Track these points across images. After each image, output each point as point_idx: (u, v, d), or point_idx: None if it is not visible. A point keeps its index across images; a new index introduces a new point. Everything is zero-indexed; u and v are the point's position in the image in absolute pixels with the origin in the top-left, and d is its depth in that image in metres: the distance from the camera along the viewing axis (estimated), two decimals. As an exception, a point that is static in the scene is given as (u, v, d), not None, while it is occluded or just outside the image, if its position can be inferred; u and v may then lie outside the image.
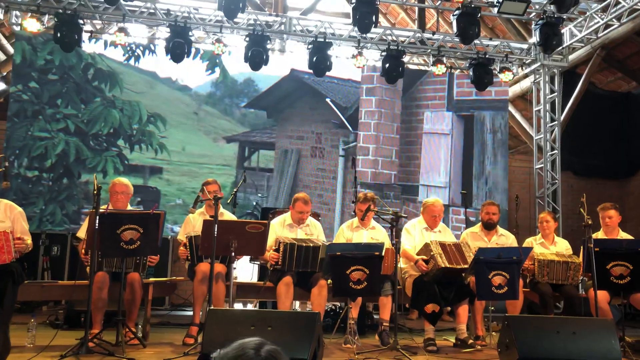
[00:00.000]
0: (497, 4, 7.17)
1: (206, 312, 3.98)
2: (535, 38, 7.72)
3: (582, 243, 5.09)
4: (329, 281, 4.99)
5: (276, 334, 3.46)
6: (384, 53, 7.87)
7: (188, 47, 7.35)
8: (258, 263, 6.21)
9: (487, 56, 8.19)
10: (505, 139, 9.15)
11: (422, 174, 8.94)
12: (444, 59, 8.32)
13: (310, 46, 7.66)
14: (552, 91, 8.75)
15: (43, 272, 7.06)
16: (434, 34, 8.42)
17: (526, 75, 9.19)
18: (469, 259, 4.92)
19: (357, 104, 8.93)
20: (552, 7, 7.30)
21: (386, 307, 5.10)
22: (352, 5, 7.12)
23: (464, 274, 5.01)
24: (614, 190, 9.99)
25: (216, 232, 4.31)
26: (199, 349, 4.25)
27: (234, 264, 4.69)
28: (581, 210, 4.86)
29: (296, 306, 6.00)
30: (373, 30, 7.44)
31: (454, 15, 7.35)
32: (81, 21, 7.19)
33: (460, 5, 7.18)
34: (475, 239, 5.56)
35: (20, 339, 4.40)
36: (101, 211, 4.19)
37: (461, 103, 9.13)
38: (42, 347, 4.23)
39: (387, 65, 7.80)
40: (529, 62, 8.80)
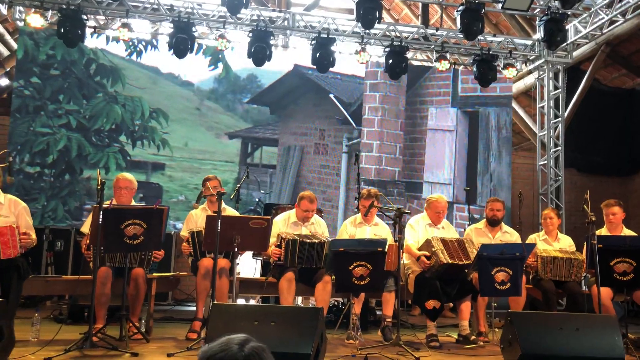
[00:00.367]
0: (501, 0, 7.14)
1: (209, 307, 3.98)
2: (539, 34, 7.70)
3: (585, 240, 5.08)
4: (332, 277, 4.99)
5: (279, 329, 3.46)
6: (388, 49, 7.85)
7: (191, 43, 7.35)
8: (261, 259, 6.22)
9: (491, 52, 8.16)
10: (510, 135, 9.12)
11: (426, 170, 8.90)
12: (448, 55, 8.29)
13: (314, 42, 7.65)
14: (556, 87, 8.72)
15: (47, 267, 7.08)
16: (437, 29, 8.39)
17: (530, 72, 9.16)
18: (471, 255, 4.91)
19: (360, 100, 8.89)
20: (557, 3, 7.26)
21: (389, 303, 5.10)
22: (355, 1, 7.11)
23: (466, 270, 5.01)
24: (618, 187, 9.96)
25: (220, 228, 4.32)
26: (202, 344, 4.26)
27: (237, 259, 4.70)
28: (585, 206, 4.85)
29: (299, 302, 6.00)
30: (376, 26, 7.42)
31: (457, 11, 7.33)
32: (84, 16, 7.18)
33: (464, 1, 7.17)
34: (479, 235, 5.56)
35: (24, 333, 4.42)
36: (105, 206, 4.19)
37: (466, 99, 9.09)
38: (46, 341, 4.25)
39: (391, 61, 7.78)
40: (533, 59, 8.76)
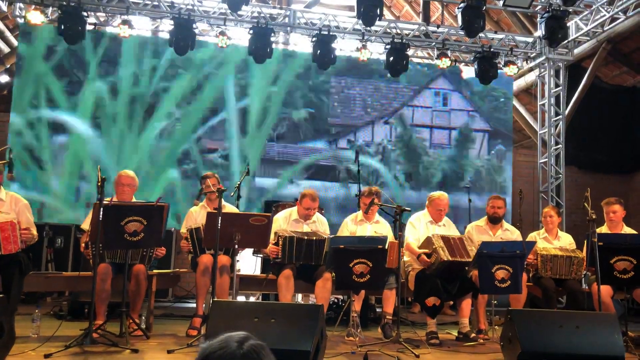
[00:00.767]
0: (502, -3, 7.13)
1: (209, 304, 3.99)
2: (540, 31, 7.68)
3: (585, 237, 5.08)
4: (332, 274, 4.99)
5: (279, 326, 3.46)
6: (388, 46, 7.84)
7: (192, 40, 7.34)
8: (261, 256, 6.22)
9: (492, 50, 8.16)
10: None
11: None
12: (449, 52, 8.28)
13: (315, 39, 7.64)
14: (557, 85, 8.70)
15: (47, 263, 7.09)
16: (438, 27, 8.38)
17: (531, 69, 9.14)
18: (471, 252, 4.91)
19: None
20: (558, 0, 7.25)
21: (389, 300, 5.10)
22: (356, -2, 7.10)
23: (467, 267, 5.01)
24: (618, 185, 9.94)
25: (220, 225, 4.32)
26: (201, 340, 4.27)
27: (237, 256, 4.70)
28: (585, 204, 4.85)
29: (299, 299, 6.01)
30: (377, 23, 7.42)
31: (458, 8, 7.32)
32: (85, 13, 7.17)
33: (465, -3, 7.15)
34: (480, 233, 5.55)
35: (24, 329, 4.43)
36: (105, 203, 4.20)
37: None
38: (47, 337, 4.26)
39: (391, 58, 7.78)
40: (534, 56, 8.75)
